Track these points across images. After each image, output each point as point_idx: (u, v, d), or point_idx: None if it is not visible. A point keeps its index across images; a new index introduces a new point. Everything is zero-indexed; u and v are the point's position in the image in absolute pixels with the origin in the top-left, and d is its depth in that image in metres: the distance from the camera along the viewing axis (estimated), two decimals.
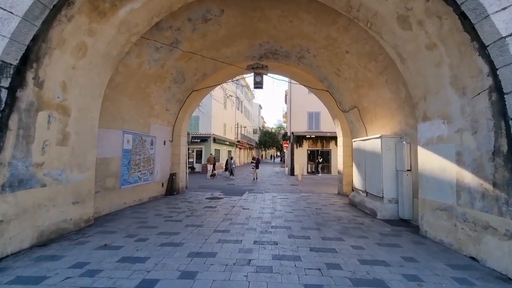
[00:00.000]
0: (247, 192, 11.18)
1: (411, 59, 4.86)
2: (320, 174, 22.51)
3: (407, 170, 6.04)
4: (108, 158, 6.56)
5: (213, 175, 18.01)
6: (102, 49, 5.05)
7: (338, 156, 10.85)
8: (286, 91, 36.68)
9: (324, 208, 7.55)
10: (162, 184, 9.73)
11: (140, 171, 8.06)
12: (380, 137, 6.50)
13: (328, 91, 10.29)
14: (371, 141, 7.07)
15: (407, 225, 5.82)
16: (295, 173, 22.51)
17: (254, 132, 57.12)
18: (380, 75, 6.65)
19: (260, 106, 64.25)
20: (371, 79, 7.16)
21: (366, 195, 7.43)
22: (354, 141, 8.45)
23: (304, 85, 10.91)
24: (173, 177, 10.25)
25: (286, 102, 42.27)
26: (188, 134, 12.79)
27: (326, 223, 5.87)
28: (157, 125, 9.12)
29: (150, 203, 8.19)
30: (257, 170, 17.35)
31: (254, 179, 16.92)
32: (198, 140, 23.44)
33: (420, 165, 5.11)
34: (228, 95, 16.49)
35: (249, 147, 47.51)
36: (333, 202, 8.70)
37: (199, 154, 24.35)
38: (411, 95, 5.23)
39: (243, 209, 7.36)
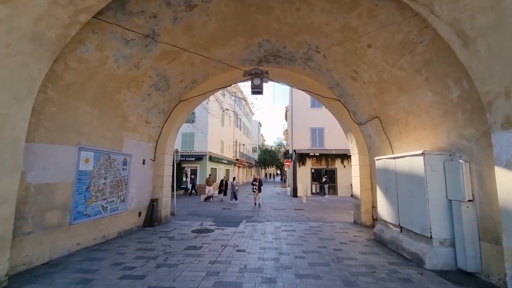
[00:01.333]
0: (244, 221, 9.30)
1: (483, 36, 3.27)
2: (326, 196, 20.55)
3: (468, 200, 4.28)
4: (51, 184, 4.80)
5: (208, 198, 16.00)
6: (29, 27, 3.47)
7: (353, 177, 9.08)
8: (286, 107, 35.51)
9: (345, 249, 5.68)
10: (139, 213, 7.88)
11: (105, 199, 6.26)
12: (422, 154, 4.79)
13: (339, 100, 8.73)
14: (406, 160, 5.36)
15: (476, 282, 3.97)
16: (298, 195, 20.57)
17: (254, 150, 55.58)
18: (417, 72, 5.06)
19: (259, 123, 63.18)
20: (402, 80, 5.57)
21: (401, 231, 5.60)
22: (377, 160, 6.73)
23: (309, 93, 9.36)
24: (154, 203, 8.42)
25: (286, 119, 41.01)
26: (176, 151, 11.10)
27: (357, 279, 4.02)
28: (133, 141, 7.43)
29: (118, 240, 6.31)
30: (259, 194, 14.26)
31: (255, 204, 14.02)
32: (193, 159, 21.71)
33: (502, 195, 3.36)
34: (224, 109, 14.97)
35: (248, 166, 45.69)
36: (353, 237, 6.83)
37: (194, 174, 22.51)
38: (480, 93, 3.59)
39: (237, 251, 5.50)
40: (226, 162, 27.94)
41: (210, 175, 18.91)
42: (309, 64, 7.90)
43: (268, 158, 55.00)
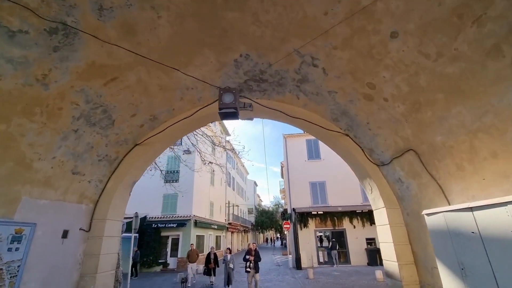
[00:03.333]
0: None
1: None
2: (336, 265, 16.68)
3: None
4: None
5: (184, 281, 11.93)
6: None
7: (382, 243, 6.24)
8: (281, 163, 33.52)
9: None
10: None
11: None
12: None
13: (347, 135, 6.55)
14: (505, 211, 2.83)
15: None
16: (302, 265, 16.70)
17: (250, 212, 51.34)
18: (492, 55, 2.96)
19: (255, 183, 60.30)
20: (458, 78, 3.46)
21: None
22: (429, 215, 4.16)
23: (307, 123, 7.18)
24: None
25: (282, 176, 38.56)
26: (136, 216, 8.31)
27: None
28: (43, 202, 4.81)
29: None
30: (256, 275, 9.54)
31: None
32: (174, 225, 18.30)
33: None
34: (207, 162, 12.65)
35: (244, 230, 41.01)
36: None
37: (175, 244, 18.73)
38: None
39: None
40: (216, 227, 24.23)
41: (192, 245, 14.87)
42: (304, 88, 5.97)
43: (265, 220, 50.55)
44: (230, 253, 10.62)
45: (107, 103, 5.21)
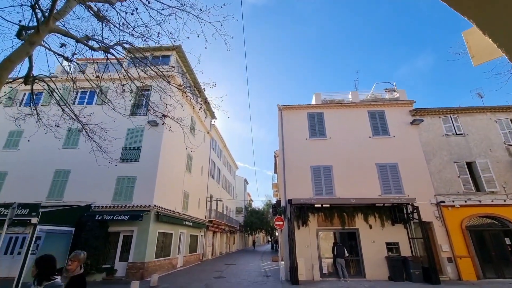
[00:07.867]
0: None
1: None
2: (346, 279, 12.04)
3: None
4: None
5: None
6: None
7: None
8: (275, 152, 28.86)
9: None
10: None
11: None
12: None
13: None
14: None
15: None
16: (299, 277, 12.04)
17: (238, 211, 46.49)
18: None
19: (246, 180, 55.44)
20: None
21: None
22: None
23: None
24: None
25: (276, 170, 33.86)
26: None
27: None
28: None
29: None
30: None
31: None
32: (125, 218, 13.37)
33: None
34: (157, 113, 7.95)
35: (230, 231, 36.09)
36: None
37: (127, 243, 13.80)
38: None
39: None
40: (191, 224, 19.35)
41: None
42: None
43: (255, 220, 45.78)
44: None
45: None
